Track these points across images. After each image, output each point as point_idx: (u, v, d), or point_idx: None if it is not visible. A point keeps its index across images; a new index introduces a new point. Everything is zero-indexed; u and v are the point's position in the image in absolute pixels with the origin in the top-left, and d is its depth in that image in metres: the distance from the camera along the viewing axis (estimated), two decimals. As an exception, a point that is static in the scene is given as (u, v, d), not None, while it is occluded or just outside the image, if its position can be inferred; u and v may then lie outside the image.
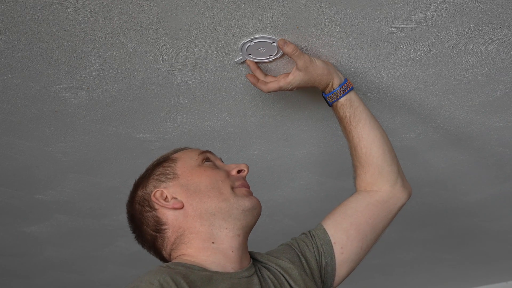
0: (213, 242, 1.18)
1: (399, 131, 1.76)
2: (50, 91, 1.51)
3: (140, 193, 1.25)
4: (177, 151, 1.31)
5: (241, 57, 1.41)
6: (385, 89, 1.56)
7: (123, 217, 1.37)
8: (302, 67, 1.36)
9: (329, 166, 1.96)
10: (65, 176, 1.93)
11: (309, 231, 1.35)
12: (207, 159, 1.28)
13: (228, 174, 1.25)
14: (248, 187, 1.27)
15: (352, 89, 1.40)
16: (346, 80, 1.40)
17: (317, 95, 1.54)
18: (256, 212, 1.23)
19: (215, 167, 1.27)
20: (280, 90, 1.41)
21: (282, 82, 1.39)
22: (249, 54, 1.39)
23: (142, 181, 1.27)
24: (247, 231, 1.22)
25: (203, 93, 1.56)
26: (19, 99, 1.53)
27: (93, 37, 1.32)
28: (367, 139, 1.39)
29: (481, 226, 2.49)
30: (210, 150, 1.33)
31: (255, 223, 1.24)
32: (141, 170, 1.92)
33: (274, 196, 2.14)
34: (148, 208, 1.22)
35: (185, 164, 1.25)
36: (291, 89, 1.41)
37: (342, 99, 1.39)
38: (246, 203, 1.21)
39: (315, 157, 1.90)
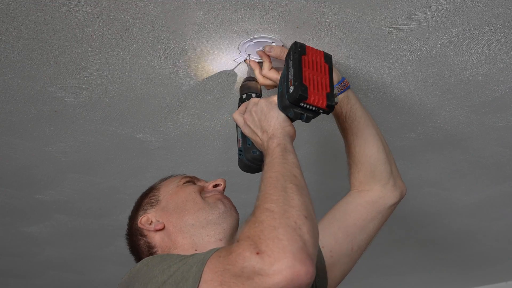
0: (195, 250, 1.21)
1: (399, 131, 1.76)
2: (50, 91, 1.51)
3: (133, 225, 1.32)
4: (163, 180, 1.38)
5: (241, 57, 1.41)
6: (385, 89, 1.56)
7: (123, 217, 1.38)
8: None
9: (329, 166, 1.96)
10: (65, 176, 1.93)
11: None
12: (189, 181, 1.35)
13: (202, 188, 1.32)
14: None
15: (349, 87, 1.40)
16: (343, 78, 1.40)
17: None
18: (233, 214, 1.28)
19: (192, 184, 1.34)
20: (273, 83, 1.39)
21: (279, 78, 1.39)
22: (249, 54, 1.40)
23: (133, 214, 1.35)
24: (229, 234, 1.26)
25: (203, 93, 1.56)
26: (19, 99, 1.53)
27: (93, 37, 1.32)
28: (361, 137, 1.39)
29: (480, 226, 2.48)
30: (196, 176, 1.39)
31: (236, 225, 1.27)
32: (141, 170, 1.93)
33: (274, 196, 2.13)
34: (140, 237, 1.29)
35: (166, 189, 1.33)
36: None
37: (340, 96, 1.39)
38: (220, 206, 1.27)
39: (315, 157, 1.90)
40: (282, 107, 1.17)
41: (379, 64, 1.46)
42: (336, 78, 1.39)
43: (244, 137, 1.26)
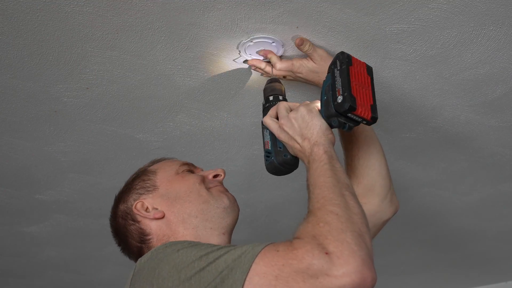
0: (198, 241, 1.19)
1: (399, 131, 1.76)
2: (50, 91, 1.51)
3: (122, 207, 1.28)
4: (154, 163, 1.34)
5: (241, 57, 1.41)
6: (385, 89, 1.56)
7: (123, 217, 1.37)
8: (317, 59, 1.36)
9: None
10: (65, 176, 1.93)
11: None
12: (187, 170, 1.31)
13: (204, 178, 1.29)
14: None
15: None
16: None
17: (317, 95, 1.54)
18: (236, 208, 1.26)
19: (192, 173, 1.31)
20: (291, 67, 1.38)
21: (294, 62, 1.37)
22: (249, 54, 1.40)
23: (122, 196, 1.30)
24: (231, 229, 1.25)
25: (203, 93, 1.56)
26: (19, 99, 1.53)
27: (93, 37, 1.32)
28: (366, 150, 1.38)
29: (480, 226, 2.48)
30: (192, 163, 1.36)
31: (236, 220, 1.27)
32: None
33: (274, 196, 2.14)
34: (131, 221, 1.25)
35: (164, 175, 1.28)
36: (299, 74, 1.39)
37: None
38: (225, 200, 1.25)
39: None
40: (327, 115, 1.18)
41: (379, 64, 1.46)
42: None
43: (274, 140, 1.25)
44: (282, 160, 1.24)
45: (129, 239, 1.25)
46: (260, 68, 1.41)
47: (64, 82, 1.48)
